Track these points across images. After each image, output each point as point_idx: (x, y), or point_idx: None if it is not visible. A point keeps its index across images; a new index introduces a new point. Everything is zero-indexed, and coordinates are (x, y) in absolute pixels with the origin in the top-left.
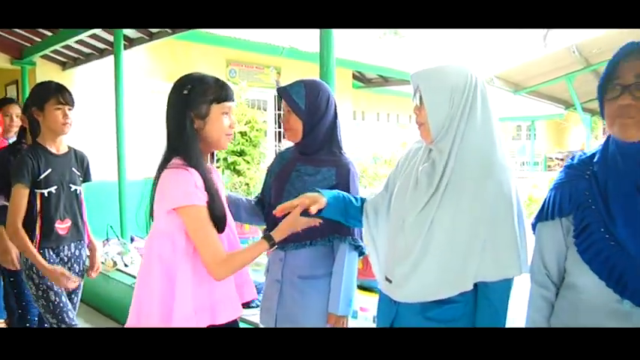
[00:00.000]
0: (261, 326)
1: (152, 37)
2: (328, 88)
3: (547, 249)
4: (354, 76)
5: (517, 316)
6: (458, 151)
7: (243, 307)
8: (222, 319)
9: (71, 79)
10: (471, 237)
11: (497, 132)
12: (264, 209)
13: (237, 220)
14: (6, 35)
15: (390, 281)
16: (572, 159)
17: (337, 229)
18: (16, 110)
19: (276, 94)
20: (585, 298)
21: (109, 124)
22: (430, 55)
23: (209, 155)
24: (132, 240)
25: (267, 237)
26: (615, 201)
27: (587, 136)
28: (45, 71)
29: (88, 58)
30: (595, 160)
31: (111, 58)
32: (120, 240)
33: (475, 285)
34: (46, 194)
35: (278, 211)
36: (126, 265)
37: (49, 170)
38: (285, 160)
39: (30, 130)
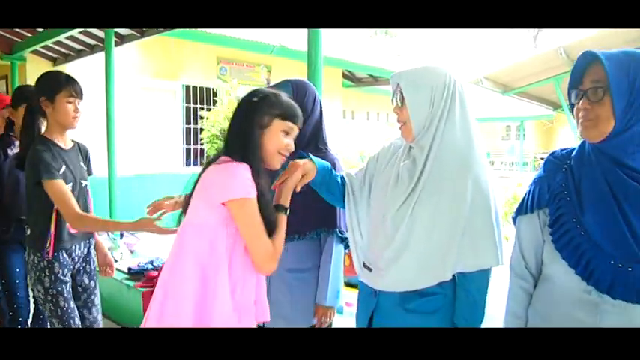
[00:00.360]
0: None
1: (143, 34)
2: (314, 87)
3: (525, 241)
4: (344, 75)
5: (499, 312)
6: (438, 149)
7: None
8: (245, 324)
9: None
10: (450, 232)
11: (475, 131)
12: None
13: None
14: None
15: (370, 269)
16: (552, 154)
17: (324, 222)
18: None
19: None
20: (557, 287)
21: (100, 120)
22: (420, 54)
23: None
24: (121, 236)
25: (277, 208)
26: (587, 193)
27: (575, 137)
28: (35, 67)
29: (79, 54)
30: (573, 155)
31: (102, 54)
32: (109, 235)
33: (454, 277)
34: (71, 188)
35: (276, 185)
36: (115, 261)
37: (64, 167)
38: None
39: (28, 123)
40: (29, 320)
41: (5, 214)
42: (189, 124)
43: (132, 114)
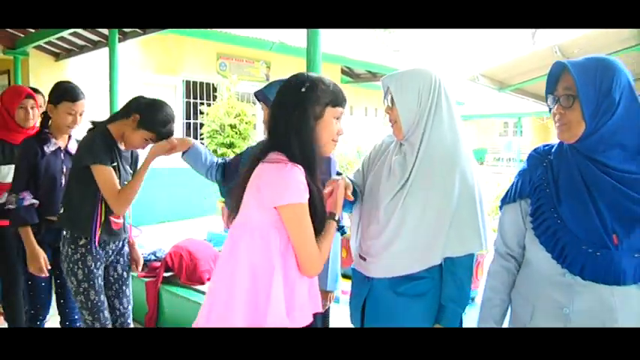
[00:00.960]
0: None
1: (146, 31)
2: None
3: (508, 228)
4: (343, 71)
5: None
6: (426, 145)
7: None
8: (298, 323)
9: (64, 70)
10: (438, 222)
11: (461, 127)
12: (223, 175)
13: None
14: None
15: (365, 259)
16: (535, 150)
17: None
18: (30, 102)
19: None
20: (536, 271)
21: (101, 115)
22: (419, 50)
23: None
24: None
25: (330, 216)
26: (564, 186)
27: None
28: (38, 62)
29: (81, 49)
30: (553, 151)
31: (104, 50)
32: None
33: (440, 262)
34: None
35: (329, 185)
36: None
37: (115, 163)
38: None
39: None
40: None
41: (38, 215)
42: (190, 118)
43: None
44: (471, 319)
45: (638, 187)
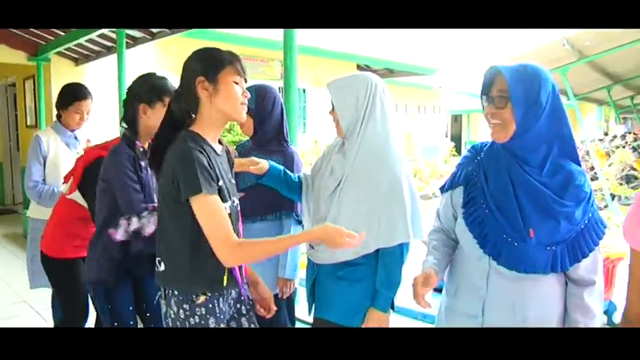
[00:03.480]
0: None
1: (154, 36)
2: (275, 91)
3: (443, 211)
4: (360, 68)
5: None
6: (361, 144)
7: None
8: None
9: (84, 74)
10: (368, 215)
11: (393, 128)
12: None
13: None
14: (22, 34)
15: (312, 247)
16: (473, 146)
17: (283, 206)
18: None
19: (281, 86)
20: (465, 254)
21: (117, 116)
22: (442, 44)
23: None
24: None
25: None
26: (493, 182)
27: (580, 124)
28: (59, 67)
29: (98, 54)
30: (484, 149)
31: None
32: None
33: (377, 252)
34: (228, 210)
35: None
36: None
37: (221, 181)
38: (243, 150)
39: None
40: None
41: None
42: None
43: None
44: None
45: (554, 188)
